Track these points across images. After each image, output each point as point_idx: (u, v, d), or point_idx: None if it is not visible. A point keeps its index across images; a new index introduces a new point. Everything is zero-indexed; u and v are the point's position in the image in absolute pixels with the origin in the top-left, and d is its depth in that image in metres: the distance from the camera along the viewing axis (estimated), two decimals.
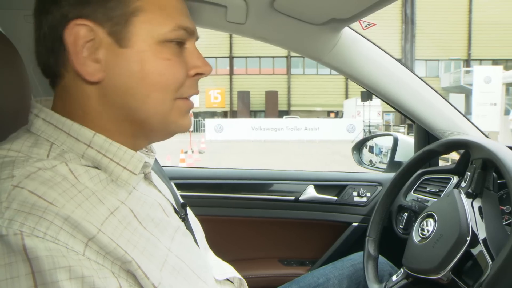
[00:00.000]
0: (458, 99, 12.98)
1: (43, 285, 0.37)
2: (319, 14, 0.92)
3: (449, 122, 1.16)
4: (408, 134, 18.44)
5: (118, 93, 0.50)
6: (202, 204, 1.31)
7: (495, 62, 23.01)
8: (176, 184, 1.33)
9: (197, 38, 0.58)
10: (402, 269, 0.84)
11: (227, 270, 0.74)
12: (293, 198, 1.34)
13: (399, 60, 1.13)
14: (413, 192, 1.18)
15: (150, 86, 0.50)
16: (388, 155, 1.46)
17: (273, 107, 24.82)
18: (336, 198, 1.35)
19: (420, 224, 0.83)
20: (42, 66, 0.52)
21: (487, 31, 23.44)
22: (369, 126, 16.85)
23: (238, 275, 0.73)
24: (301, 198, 1.33)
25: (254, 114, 25.32)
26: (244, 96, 24.63)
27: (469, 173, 0.79)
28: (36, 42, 0.51)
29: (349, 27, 1.03)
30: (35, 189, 0.41)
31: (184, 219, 0.64)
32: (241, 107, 24.50)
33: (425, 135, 1.28)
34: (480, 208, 0.74)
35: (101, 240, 0.42)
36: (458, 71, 22.88)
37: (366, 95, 16.49)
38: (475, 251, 0.68)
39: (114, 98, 0.50)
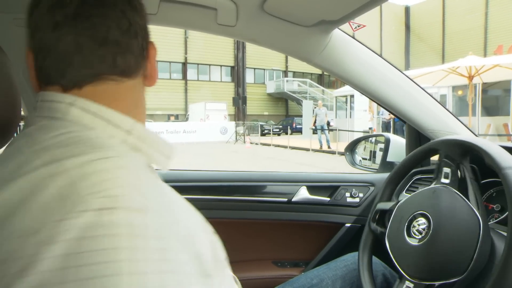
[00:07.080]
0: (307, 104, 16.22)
1: None
2: (309, 16, 0.93)
3: (439, 122, 1.17)
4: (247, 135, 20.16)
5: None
6: (195, 207, 1.31)
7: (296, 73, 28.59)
8: (170, 187, 1.33)
9: None
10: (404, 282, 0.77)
11: None
12: (285, 199, 1.34)
13: (389, 62, 1.14)
14: (405, 192, 1.19)
15: None
16: (380, 156, 1.47)
17: None
18: (328, 199, 1.35)
19: (410, 225, 0.80)
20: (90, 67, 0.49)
21: None
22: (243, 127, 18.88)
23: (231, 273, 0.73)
24: (293, 199, 1.33)
25: None
26: None
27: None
28: (98, 46, 0.49)
29: (339, 28, 1.04)
30: (136, 172, 0.43)
31: None
32: None
33: (416, 135, 1.29)
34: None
35: None
36: (280, 80, 27.67)
37: (238, 101, 17.80)
38: None
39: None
